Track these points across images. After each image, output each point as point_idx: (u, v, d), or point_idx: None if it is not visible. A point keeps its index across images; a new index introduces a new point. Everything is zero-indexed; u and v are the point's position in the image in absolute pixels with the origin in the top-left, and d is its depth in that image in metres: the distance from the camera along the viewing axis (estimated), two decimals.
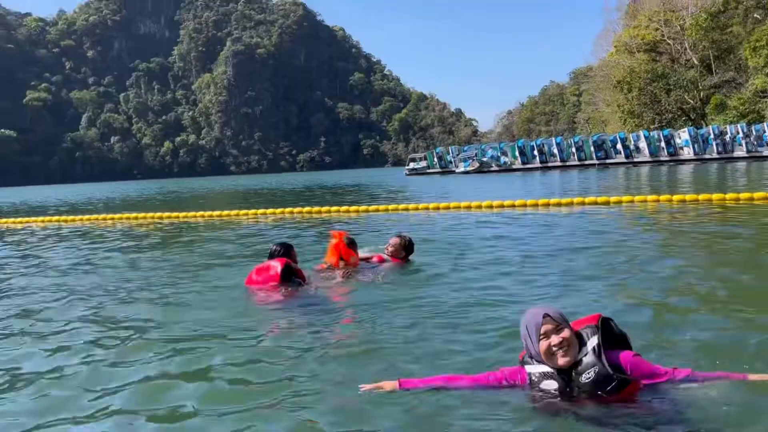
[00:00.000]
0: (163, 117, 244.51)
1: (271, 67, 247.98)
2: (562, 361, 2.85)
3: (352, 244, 6.82)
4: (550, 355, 2.87)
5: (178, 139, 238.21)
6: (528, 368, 3.00)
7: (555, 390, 2.88)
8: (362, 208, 16.82)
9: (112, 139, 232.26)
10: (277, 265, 5.96)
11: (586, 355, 2.84)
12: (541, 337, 2.88)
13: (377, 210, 16.54)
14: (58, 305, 6.07)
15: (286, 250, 6.29)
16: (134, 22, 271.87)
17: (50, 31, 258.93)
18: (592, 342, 2.86)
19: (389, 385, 3.18)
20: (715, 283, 5.57)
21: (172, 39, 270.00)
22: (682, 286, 5.52)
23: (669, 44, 69.63)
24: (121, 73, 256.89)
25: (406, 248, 7.20)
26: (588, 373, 2.81)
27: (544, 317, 2.89)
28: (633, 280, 6.01)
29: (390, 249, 7.14)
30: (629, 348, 2.98)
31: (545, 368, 2.92)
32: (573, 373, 2.85)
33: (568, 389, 2.85)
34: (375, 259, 7.04)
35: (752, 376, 2.91)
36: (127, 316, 5.40)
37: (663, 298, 5.09)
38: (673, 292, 5.29)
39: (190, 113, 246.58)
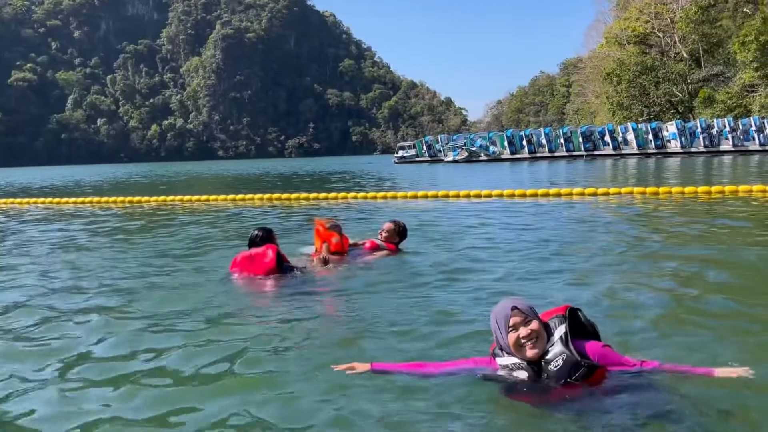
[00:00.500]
0: (151, 100, 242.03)
1: (261, 52, 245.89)
2: (530, 353, 2.89)
3: (334, 228, 6.84)
4: (518, 347, 2.91)
5: (165, 122, 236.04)
6: (498, 360, 3.03)
7: (525, 380, 2.92)
8: (351, 194, 16.81)
9: (99, 122, 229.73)
10: (269, 253, 5.92)
11: (553, 344, 2.89)
12: (510, 329, 2.91)
13: (365, 197, 16.53)
14: (39, 290, 6.03)
15: (267, 235, 6.15)
16: (122, 3, 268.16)
17: (36, 11, 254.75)
18: (559, 331, 2.91)
19: (362, 366, 3.22)
20: (691, 276, 5.65)
21: (161, 21, 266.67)
22: (658, 279, 5.58)
23: (659, 37, 69.87)
24: (108, 55, 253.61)
25: (399, 233, 7.22)
26: (556, 362, 2.86)
27: (512, 310, 2.93)
28: (612, 271, 6.08)
29: (384, 234, 7.14)
30: (598, 338, 3.02)
31: (515, 360, 2.96)
32: (542, 363, 2.90)
33: (538, 379, 2.90)
34: (367, 245, 7.04)
35: (718, 372, 2.93)
36: (113, 303, 5.37)
37: (639, 290, 5.15)
38: (648, 285, 5.35)
39: (178, 97, 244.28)
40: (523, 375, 2.93)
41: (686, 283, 5.37)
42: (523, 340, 2.90)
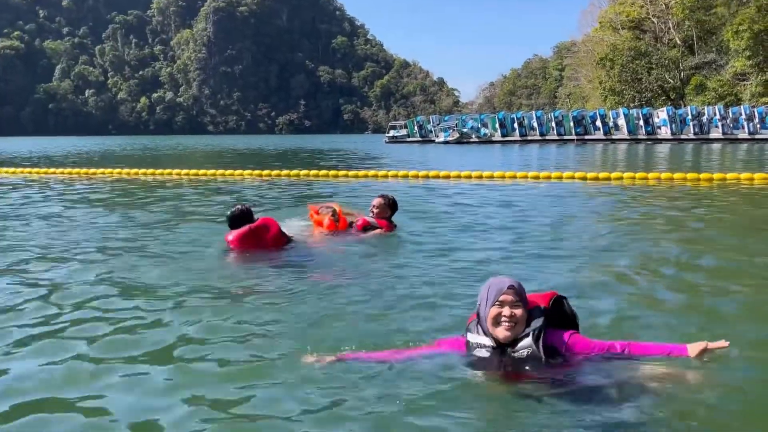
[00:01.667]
0: (140, 72, 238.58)
1: (253, 26, 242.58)
2: (503, 334, 2.92)
3: (327, 211, 6.96)
4: (496, 323, 2.94)
5: (155, 95, 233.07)
6: (469, 335, 3.07)
7: (486, 357, 2.98)
8: (341, 173, 16.78)
9: (87, 93, 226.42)
10: (270, 225, 5.90)
11: (526, 336, 2.93)
12: (497, 303, 2.93)
13: (357, 176, 16.51)
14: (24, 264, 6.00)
15: (249, 210, 6.04)
16: None
17: None
18: (536, 323, 2.94)
19: (328, 358, 3.17)
20: (670, 259, 5.72)
21: None
22: (641, 264, 5.65)
23: (653, 22, 69.72)
24: (96, 25, 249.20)
25: (390, 207, 7.21)
26: (521, 352, 2.92)
27: (509, 287, 2.95)
28: (604, 256, 6.14)
29: (375, 210, 7.11)
30: (576, 329, 3.06)
31: (485, 340, 3.00)
32: (508, 348, 2.95)
33: (499, 361, 2.95)
34: (359, 222, 7.05)
35: (691, 349, 2.90)
36: (106, 275, 5.37)
37: (621, 273, 5.22)
38: (632, 268, 5.42)
39: (168, 69, 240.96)
40: (484, 354, 2.98)
41: (664, 264, 5.44)
42: (502, 319, 2.92)
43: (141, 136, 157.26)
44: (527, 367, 2.89)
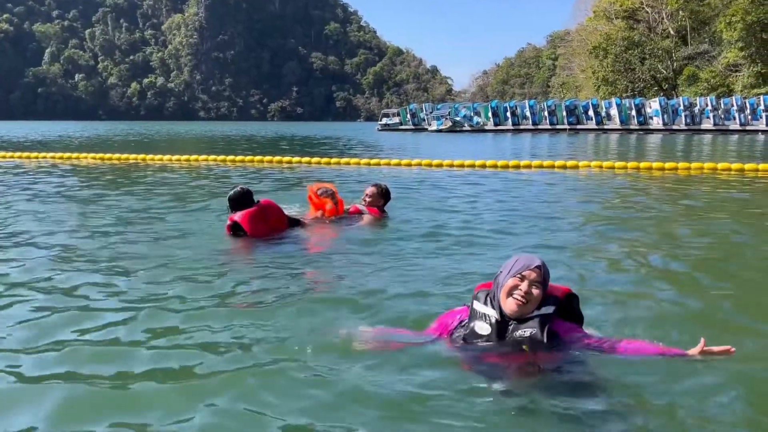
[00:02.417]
0: (131, 57, 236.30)
1: (245, 11, 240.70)
2: (512, 307, 2.88)
3: (326, 194, 6.91)
4: (508, 294, 2.90)
5: (145, 80, 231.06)
6: (475, 304, 3.03)
7: (486, 333, 2.93)
8: (334, 160, 16.71)
9: (77, 77, 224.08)
10: (276, 208, 5.92)
11: (533, 318, 2.88)
12: (519, 276, 2.89)
13: (348, 163, 16.45)
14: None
15: (250, 191, 5.98)
16: None
17: None
18: (546, 310, 2.90)
19: (359, 331, 3.28)
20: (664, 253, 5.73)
21: None
22: (632, 251, 5.65)
23: (647, 12, 69.72)
24: (86, 8, 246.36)
25: (383, 196, 7.21)
26: (524, 331, 2.87)
27: (537, 266, 2.91)
28: (596, 243, 6.14)
29: (367, 199, 7.10)
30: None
31: (490, 311, 2.96)
32: (510, 324, 2.91)
33: (496, 337, 2.91)
34: (351, 210, 7.02)
35: (692, 352, 2.81)
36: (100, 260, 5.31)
37: (611, 264, 5.22)
38: (626, 262, 5.42)
39: (159, 54, 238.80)
40: (486, 330, 2.94)
41: (655, 252, 5.45)
42: (517, 292, 2.88)
43: (132, 122, 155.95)
44: (525, 348, 2.85)
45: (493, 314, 2.95)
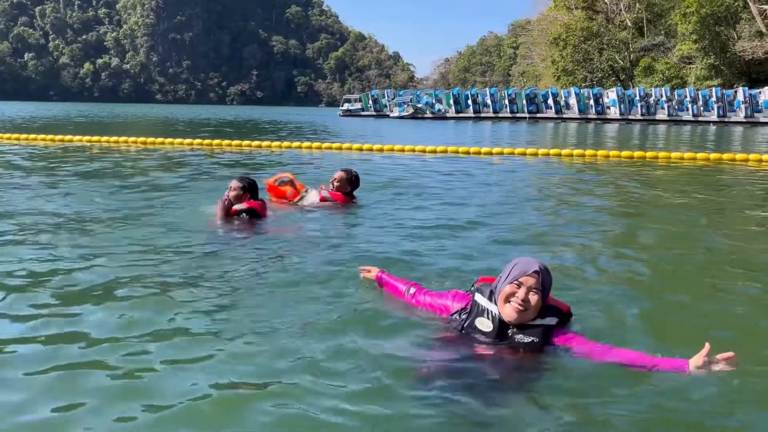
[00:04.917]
0: (84, 36, 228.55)
1: None
2: (509, 313, 2.81)
3: (285, 183, 6.92)
4: (506, 301, 2.83)
5: (99, 61, 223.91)
6: (477, 296, 2.99)
7: (487, 330, 2.88)
8: (295, 144, 16.53)
9: (26, 56, 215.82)
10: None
11: (535, 327, 2.82)
12: (516, 282, 2.81)
13: (310, 147, 16.30)
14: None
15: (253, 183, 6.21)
16: None
17: None
18: (549, 321, 2.84)
19: (374, 271, 3.74)
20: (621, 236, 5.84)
21: None
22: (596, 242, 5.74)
23: (605, 3, 70.79)
24: None
25: (352, 183, 7.09)
26: (523, 338, 2.82)
27: (534, 272, 2.81)
28: (547, 233, 6.22)
29: (335, 184, 6.96)
30: None
31: (492, 307, 2.91)
32: (511, 328, 2.85)
33: (496, 337, 2.86)
34: (320, 198, 6.92)
35: (692, 365, 2.59)
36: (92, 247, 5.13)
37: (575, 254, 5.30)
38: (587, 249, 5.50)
39: (114, 34, 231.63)
40: (487, 326, 2.88)
41: (619, 243, 5.55)
42: (514, 299, 2.80)
43: (85, 103, 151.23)
44: (523, 351, 2.80)
45: (495, 311, 2.89)
